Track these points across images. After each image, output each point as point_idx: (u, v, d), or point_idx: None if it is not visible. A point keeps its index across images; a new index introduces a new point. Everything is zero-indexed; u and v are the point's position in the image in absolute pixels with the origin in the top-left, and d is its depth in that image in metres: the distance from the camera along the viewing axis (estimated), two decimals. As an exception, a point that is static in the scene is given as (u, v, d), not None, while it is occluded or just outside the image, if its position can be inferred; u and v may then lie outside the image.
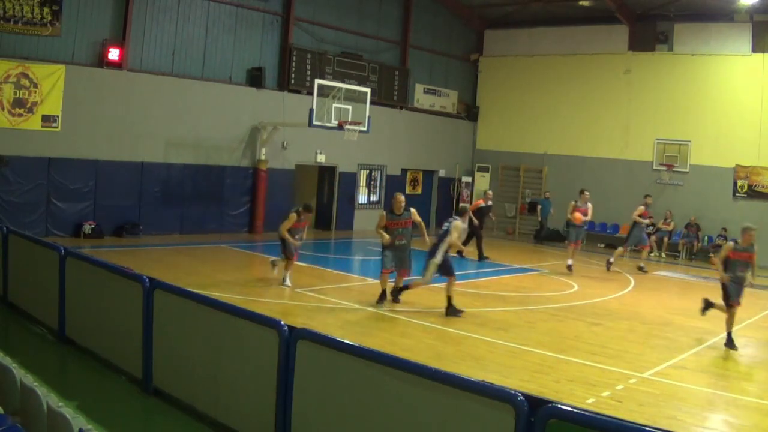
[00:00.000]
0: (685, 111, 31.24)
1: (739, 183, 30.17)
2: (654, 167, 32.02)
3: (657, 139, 31.97)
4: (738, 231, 28.85)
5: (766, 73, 29.65)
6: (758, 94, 29.75)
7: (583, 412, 5.43)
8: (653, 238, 30.31)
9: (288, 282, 17.79)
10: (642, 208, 24.60)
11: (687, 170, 31.25)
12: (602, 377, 11.72)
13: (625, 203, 30.23)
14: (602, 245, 31.58)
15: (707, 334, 15.70)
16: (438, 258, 15.78)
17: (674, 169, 31.42)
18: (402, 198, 16.27)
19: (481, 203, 26.27)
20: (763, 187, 29.62)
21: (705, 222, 30.39)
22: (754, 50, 30.02)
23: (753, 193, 29.79)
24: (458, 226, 16.27)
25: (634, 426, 5.23)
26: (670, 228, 30.35)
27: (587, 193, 23.88)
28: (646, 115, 32.23)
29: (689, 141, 31.16)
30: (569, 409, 5.44)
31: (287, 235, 17.66)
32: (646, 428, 5.21)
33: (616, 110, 33.05)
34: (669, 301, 20.23)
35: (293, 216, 17.77)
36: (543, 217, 32.44)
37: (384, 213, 16.29)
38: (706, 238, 30.37)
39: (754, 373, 13.21)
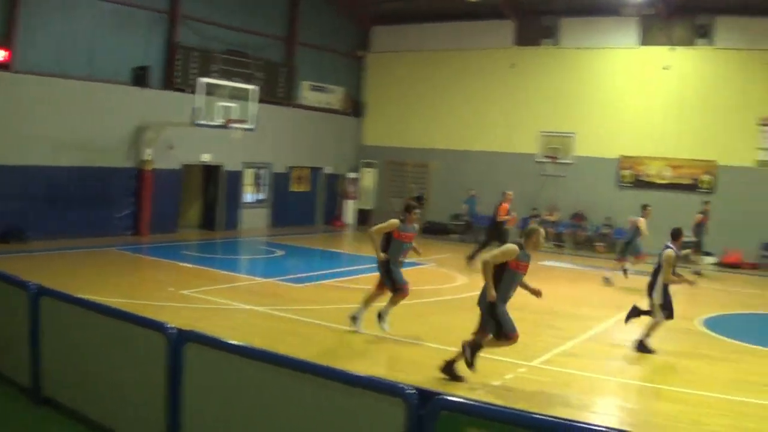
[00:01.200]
0: (571, 104, 31.99)
1: (625, 173, 30.93)
2: (538, 159, 32.61)
3: (542, 132, 32.56)
4: (623, 221, 29.76)
5: (652, 66, 30.58)
6: (643, 86, 30.72)
7: (473, 403, 5.54)
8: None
9: (386, 325, 13.76)
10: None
11: (572, 161, 31.91)
12: (492, 367, 11.87)
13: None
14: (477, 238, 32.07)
15: (593, 321, 16.10)
16: (656, 298, 13.85)
17: (559, 161, 32.05)
18: (544, 234, 11.50)
19: (509, 206, 24.17)
20: (648, 176, 30.47)
21: (590, 212, 31.07)
22: (640, 43, 31.00)
23: (638, 183, 30.59)
24: (670, 257, 13.73)
25: (524, 414, 5.35)
26: (554, 219, 30.88)
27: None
28: (531, 108, 32.86)
29: (574, 133, 31.80)
30: (459, 400, 5.54)
31: (376, 240, 13.66)
32: (537, 416, 5.34)
33: (502, 104, 33.59)
34: (557, 290, 20.58)
35: (393, 222, 13.68)
36: (470, 215, 32.56)
37: (515, 248, 11.02)
38: (591, 227, 31.07)
39: (642, 358, 13.57)
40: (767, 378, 12.46)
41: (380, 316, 13.69)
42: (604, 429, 5.57)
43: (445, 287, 19.62)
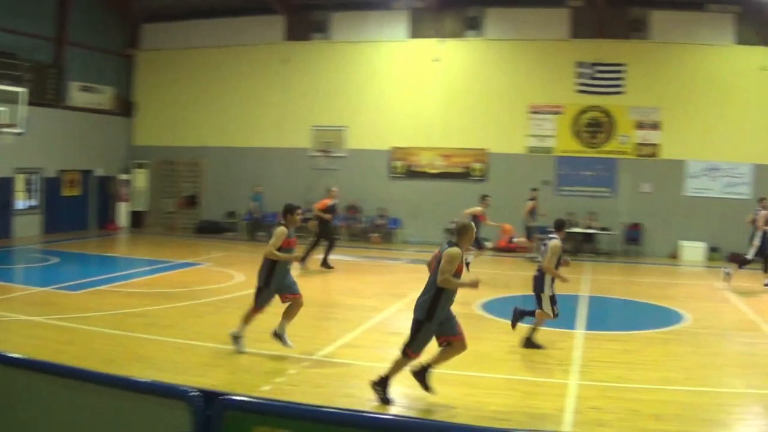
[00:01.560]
0: (343, 97, 32.62)
1: (396, 164, 31.75)
2: (311, 154, 33.06)
3: (314, 126, 33.04)
4: (397, 210, 30.56)
5: (422, 58, 31.66)
6: (414, 79, 31.73)
7: (258, 401, 5.63)
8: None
9: (288, 341, 12.83)
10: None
11: (344, 155, 32.53)
12: (276, 364, 12.08)
13: (285, 191, 30.98)
14: (264, 234, 32.09)
15: (372, 311, 16.53)
16: (547, 290, 13.60)
17: (331, 154, 32.57)
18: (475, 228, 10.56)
19: (329, 202, 23.92)
20: (420, 167, 31.42)
21: (364, 204, 31.69)
22: (410, 36, 31.97)
23: (410, 174, 31.49)
24: (556, 246, 13.51)
25: (312, 408, 5.47)
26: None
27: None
28: (304, 103, 33.26)
29: (346, 126, 32.46)
30: (245, 399, 5.62)
31: (280, 254, 12.83)
32: (324, 409, 5.52)
33: (274, 100, 33.84)
34: (335, 282, 21.09)
35: (281, 231, 12.85)
36: (259, 211, 32.44)
37: (459, 253, 9.98)
38: (366, 219, 31.74)
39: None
40: (544, 357, 13.21)
41: (280, 336, 12.83)
42: (391, 417, 5.82)
43: (223, 286, 19.65)
